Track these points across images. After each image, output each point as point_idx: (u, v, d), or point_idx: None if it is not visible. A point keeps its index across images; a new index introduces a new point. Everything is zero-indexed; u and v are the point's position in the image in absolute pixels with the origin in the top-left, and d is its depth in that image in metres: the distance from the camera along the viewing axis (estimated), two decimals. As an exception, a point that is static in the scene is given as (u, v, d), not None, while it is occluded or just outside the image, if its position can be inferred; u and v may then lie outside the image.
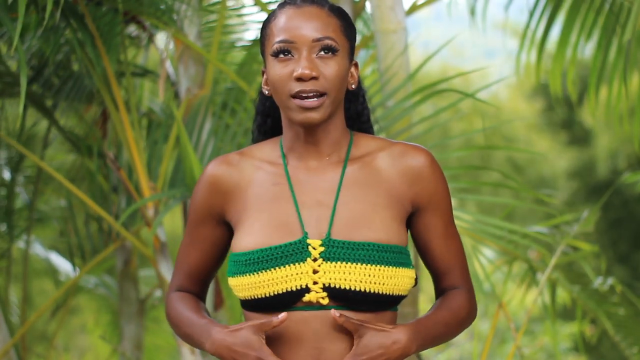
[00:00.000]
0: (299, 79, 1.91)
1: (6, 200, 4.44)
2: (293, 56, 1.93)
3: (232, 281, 1.97)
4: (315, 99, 1.92)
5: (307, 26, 1.93)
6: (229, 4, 4.13)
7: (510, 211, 3.94)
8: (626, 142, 10.12)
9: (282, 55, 1.93)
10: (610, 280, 3.97)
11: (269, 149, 2.04)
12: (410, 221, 2.02)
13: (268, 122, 2.13)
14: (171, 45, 4.12)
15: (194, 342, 2.01)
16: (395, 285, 1.93)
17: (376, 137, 2.06)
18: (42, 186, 4.67)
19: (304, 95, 1.91)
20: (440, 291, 2.06)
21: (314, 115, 1.92)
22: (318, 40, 1.93)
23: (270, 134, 2.13)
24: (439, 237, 2.03)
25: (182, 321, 2.04)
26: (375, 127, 3.36)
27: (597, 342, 4.14)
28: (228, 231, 2.05)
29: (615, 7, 3.46)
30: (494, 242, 3.64)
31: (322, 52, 1.93)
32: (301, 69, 1.90)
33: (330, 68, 1.93)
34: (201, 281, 2.11)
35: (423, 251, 2.05)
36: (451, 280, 2.05)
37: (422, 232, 2.03)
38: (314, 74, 1.91)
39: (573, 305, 4.10)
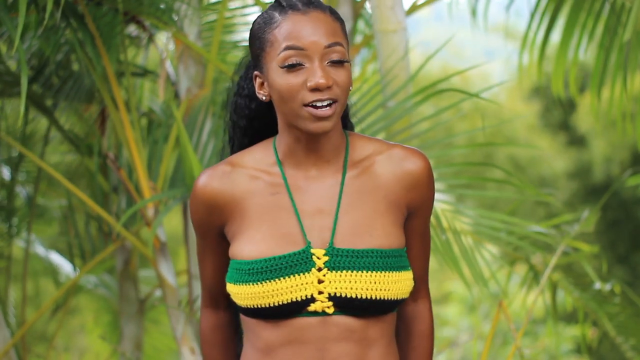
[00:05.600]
0: (315, 89, 1.88)
1: (6, 200, 4.43)
2: (303, 65, 1.89)
3: (233, 288, 1.95)
4: (328, 107, 1.90)
5: (317, 32, 1.89)
6: (230, 4, 4.12)
7: (512, 211, 3.93)
8: (620, 147, 10.15)
9: (291, 67, 1.88)
10: (612, 282, 3.97)
11: (261, 156, 2.00)
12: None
13: (255, 124, 2.08)
14: (171, 45, 4.12)
15: None
16: (399, 289, 1.93)
17: (371, 139, 2.04)
18: (42, 185, 4.67)
19: (319, 104, 1.89)
20: (410, 294, 2.06)
21: (327, 125, 1.90)
22: (329, 46, 1.90)
23: (256, 136, 2.08)
24: (419, 238, 2.03)
25: None
26: (376, 127, 3.36)
27: (598, 344, 4.13)
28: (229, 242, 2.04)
29: (617, 7, 3.46)
30: (496, 242, 3.64)
31: (333, 62, 1.90)
32: (317, 79, 1.87)
33: (341, 76, 1.90)
34: (224, 291, 2.06)
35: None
36: (421, 288, 2.06)
37: (407, 234, 2.03)
38: (330, 83, 1.88)
39: (574, 307, 4.09)
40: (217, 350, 2.11)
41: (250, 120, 2.08)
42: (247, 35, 4.51)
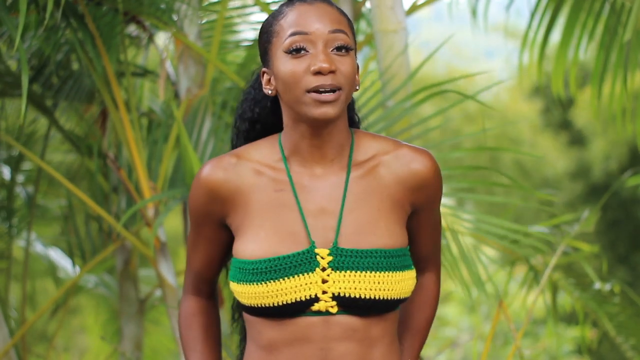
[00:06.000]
0: (317, 73, 1.88)
1: (7, 201, 4.43)
2: (308, 51, 1.89)
3: (237, 287, 1.95)
4: (332, 93, 1.90)
5: (322, 19, 1.91)
6: (230, 4, 4.12)
7: (515, 212, 3.93)
8: (618, 144, 10.14)
9: (295, 52, 1.90)
10: (612, 282, 3.97)
11: (267, 151, 2.00)
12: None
13: (257, 128, 2.09)
14: (171, 46, 4.12)
15: None
16: (402, 289, 1.93)
17: (377, 137, 2.04)
18: (42, 185, 4.67)
19: (321, 89, 1.89)
20: (418, 269, 2.10)
21: (330, 110, 1.89)
22: (334, 32, 1.91)
23: (259, 139, 2.09)
24: (428, 228, 2.05)
25: (186, 350, 2.10)
26: (376, 128, 3.36)
27: (598, 345, 4.13)
28: (230, 232, 2.03)
29: (617, 7, 3.46)
30: (496, 242, 3.63)
31: (337, 50, 1.91)
32: (320, 63, 1.87)
33: (346, 64, 1.90)
34: (210, 279, 2.11)
35: (410, 238, 2.07)
36: (429, 264, 2.10)
37: (415, 225, 2.05)
38: (333, 67, 1.88)
39: (575, 308, 4.09)
40: (194, 331, 2.09)
41: (253, 123, 2.09)
42: (247, 35, 4.52)
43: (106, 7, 3.45)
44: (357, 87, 1.98)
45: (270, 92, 1.97)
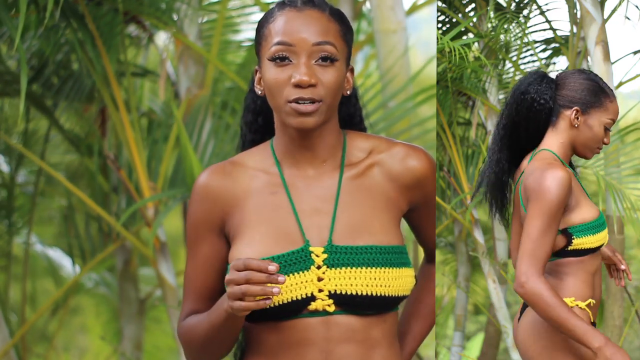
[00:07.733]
0: (297, 86, 1.88)
1: (7, 201, 4.43)
2: (291, 61, 1.88)
3: None
4: (312, 103, 1.89)
5: (308, 30, 1.89)
6: (229, 4, 4.12)
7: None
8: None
9: (279, 61, 1.89)
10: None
11: (260, 157, 1.99)
12: (405, 213, 2.03)
13: (259, 120, 2.09)
14: (171, 46, 4.12)
15: (214, 331, 1.88)
16: (399, 286, 1.92)
17: (370, 136, 2.03)
18: (42, 185, 4.67)
19: (301, 101, 1.88)
20: (427, 261, 2.20)
21: (309, 120, 1.89)
22: (318, 44, 1.89)
23: (260, 132, 2.08)
24: (430, 222, 2.07)
25: (194, 327, 1.93)
26: (376, 128, 3.36)
27: None
28: (228, 247, 1.98)
29: None
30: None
31: (321, 61, 1.89)
32: (300, 75, 1.86)
33: (328, 76, 1.89)
34: (213, 301, 1.98)
35: (416, 234, 2.12)
36: (433, 255, 2.19)
37: (417, 222, 2.06)
38: (312, 81, 1.87)
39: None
40: (195, 319, 1.96)
41: (256, 115, 2.09)
42: (247, 35, 4.52)
43: (106, 7, 3.45)
44: (348, 92, 1.97)
45: (260, 92, 1.98)
